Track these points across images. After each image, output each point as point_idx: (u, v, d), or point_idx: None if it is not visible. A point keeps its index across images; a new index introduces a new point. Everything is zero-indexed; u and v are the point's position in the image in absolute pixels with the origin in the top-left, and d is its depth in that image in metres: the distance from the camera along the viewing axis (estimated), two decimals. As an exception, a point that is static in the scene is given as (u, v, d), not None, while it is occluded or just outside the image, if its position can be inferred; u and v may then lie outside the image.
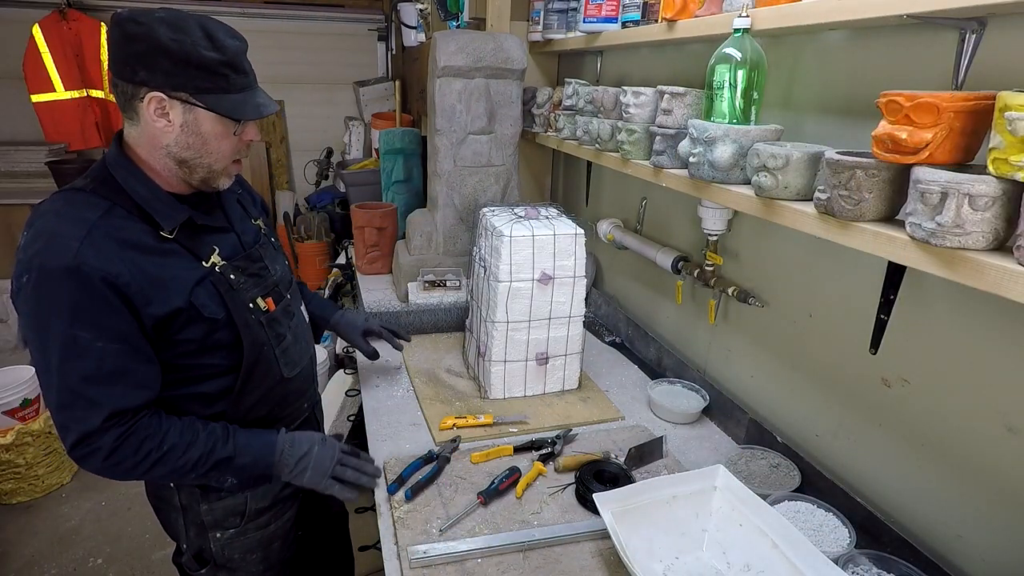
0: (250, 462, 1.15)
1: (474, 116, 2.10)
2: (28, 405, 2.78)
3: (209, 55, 1.00)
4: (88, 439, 1.01)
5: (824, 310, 1.34)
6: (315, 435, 1.26)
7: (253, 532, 1.31)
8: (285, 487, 1.32)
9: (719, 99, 1.20)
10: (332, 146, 5.02)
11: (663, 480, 1.21)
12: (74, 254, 0.95)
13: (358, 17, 4.99)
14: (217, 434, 1.12)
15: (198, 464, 1.09)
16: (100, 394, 1.00)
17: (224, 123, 1.07)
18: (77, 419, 1.00)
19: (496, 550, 1.14)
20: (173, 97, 1.02)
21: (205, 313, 1.08)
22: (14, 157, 4.17)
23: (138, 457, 1.04)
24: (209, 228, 1.15)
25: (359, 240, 2.51)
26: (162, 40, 0.97)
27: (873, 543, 1.16)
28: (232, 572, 1.32)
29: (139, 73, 1.00)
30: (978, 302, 1.02)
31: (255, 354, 1.17)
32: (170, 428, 1.07)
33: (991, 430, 1.01)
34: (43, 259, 0.96)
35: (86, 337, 0.98)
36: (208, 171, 1.11)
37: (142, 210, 1.05)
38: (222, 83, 1.03)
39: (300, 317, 1.35)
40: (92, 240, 0.97)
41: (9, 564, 2.43)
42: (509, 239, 1.52)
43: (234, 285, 1.14)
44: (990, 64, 0.94)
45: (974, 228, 0.76)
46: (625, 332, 2.11)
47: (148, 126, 1.05)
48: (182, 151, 1.07)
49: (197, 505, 1.24)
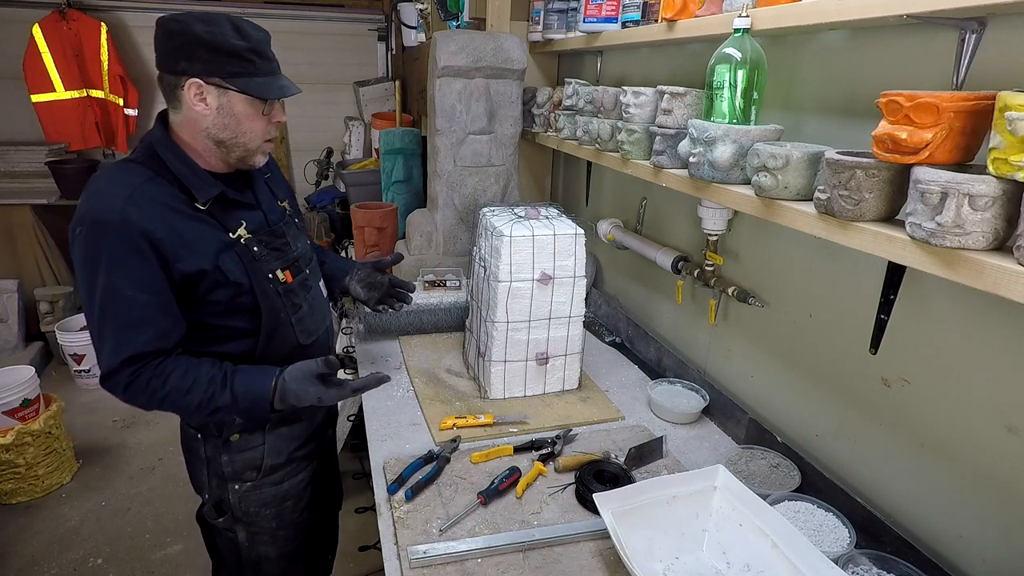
0: (249, 406, 1.25)
1: (474, 116, 2.10)
2: (28, 405, 2.77)
3: (237, 43, 1.15)
4: (110, 376, 1.18)
5: (824, 310, 1.34)
6: (301, 380, 1.26)
7: (268, 488, 1.42)
8: (299, 447, 1.46)
9: (719, 99, 1.20)
10: (332, 146, 5.02)
11: (663, 480, 1.21)
12: (120, 209, 1.11)
13: (358, 17, 4.99)
14: (217, 380, 1.22)
15: (200, 407, 1.21)
16: (122, 339, 1.16)
17: (254, 104, 1.20)
18: (104, 357, 1.17)
19: (496, 550, 1.14)
20: (209, 83, 1.16)
21: (231, 278, 1.22)
22: (14, 157, 4.17)
23: (146, 394, 1.18)
24: (239, 204, 1.29)
25: (359, 240, 2.51)
26: (197, 33, 1.13)
27: (873, 543, 1.16)
28: (247, 526, 1.43)
29: (180, 63, 1.16)
30: (978, 302, 1.02)
31: (273, 320, 1.30)
32: (173, 371, 1.19)
33: (991, 430, 1.01)
34: (94, 213, 1.13)
35: (121, 285, 1.13)
36: (244, 150, 1.25)
37: (181, 183, 1.20)
38: (250, 67, 1.18)
39: (317, 291, 1.47)
40: (135, 200, 1.13)
41: (9, 564, 2.43)
42: (509, 239, 1.52)
43: (256, 256, 1.27)
44: (990, 64, 0.94)
45: (974, 228, 0.76)
46: (625, 332, 2.11)
47: (189, 111, 1.19)
48: (219, 132, 1.21)
49: (220, 456, 1.37)
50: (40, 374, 3.32)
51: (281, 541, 1.48)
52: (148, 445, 3.22)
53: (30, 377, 2.79)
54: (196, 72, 1.15)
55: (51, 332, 3.83)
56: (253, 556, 1.47)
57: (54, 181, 4.05)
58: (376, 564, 2.35)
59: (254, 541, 1.45)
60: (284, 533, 1.48)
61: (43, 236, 4.05)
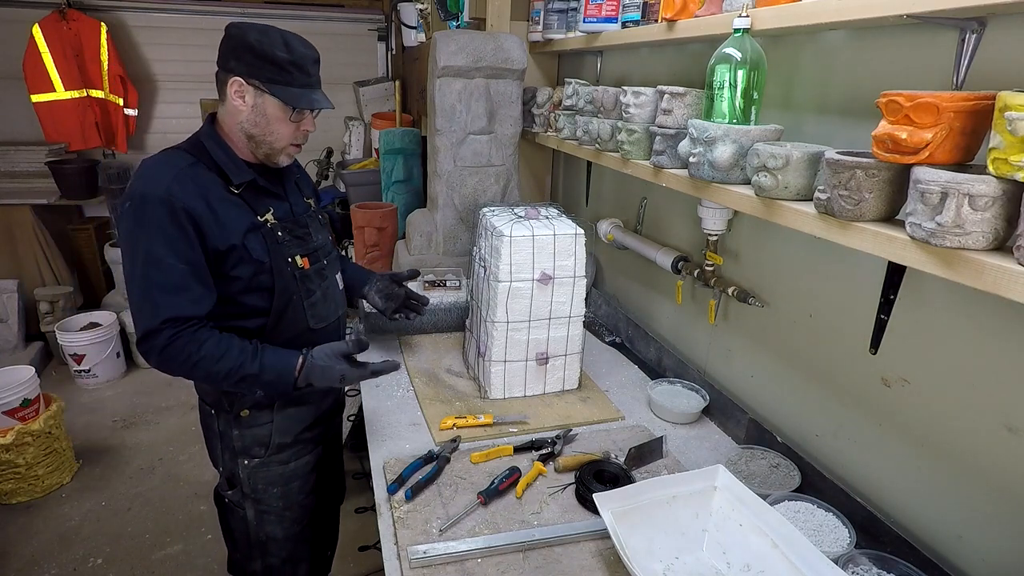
0: (273, 379, 1.33)
1: (474, 116, 2.10)
2: (28, 405, 2.77)
3: (281, 55, 1.28)
4: (149, 336, 1.26)
5: (824, 310, 1.34)
6: (333, 355, 1.37)
7: (275, 466, 1.51)
8: (306, 429, 1.53)
9: (719, 99, 1.20)
10: (332, 146, 5.02)
11: (663, 480, 1.21)
12: (165, 188, 1.24)
13: (358, 17, 4.99)
14: (248, 351, 1.31)
15: (229, 374, 1.29)
16: (164, 300, 1.25)
17: (284, 109, 1.32)
18: (144, 317, 1.26)
19: (496, 550, 1.14)
20: (249, 83, 1.29)
21: (253, 255, 1.33)
22: (14, 157, 4.17)
23: (181, 357, 1.26)
24: (268, 192, 1.41)
25: (359, 240, 2.51)
26: (250, 40, 1.27)
27: (873, 543, 1.16)
28: (256, 503, 1.52)
29: (230, 62, 1.29)
30: (978, 302, 1.02)
31: (285, 300, 1.40)
32: (208, 338, 1.29)
33: (991, 430, 1.01)
34: (143, 188, 1.25)
35: (163, 253, 1.24)
36: (270, 148, 1.37)
37: (220, 169, 1.33)
38: (287, 77, 1.31)
39: (333, 282, 1.55)
40: (179, 180, 1.26)
41: (9, 564, 2.43)
42: (509, 239, 1.52)
43: (279, 240, 1.39)
44: (990, 64, 0.94)
45: (974, 228, 0.76)
46: (625, 332, 2.11)
47: (230, 105, 1.33)
48: (251, 128, 1.34)
49: (231, 430, 1.47)
50: (40, 374, 3.32)
51: (287, 522, 1.56)
52: (148, 445, 3.22)
53: (30, 377, 2.79)
54: (240, 72, 1.29)
55: (51, 332, 3.83)
56: (261, 536, 1.55)
57: (54, 181, 4.05)
58: (376, 564, 2.35)
59: (262, 520, 1.53)
60: (291, 514, 1.55)
61: (43, 236, 4.05)
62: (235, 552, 1.63)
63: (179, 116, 4.73)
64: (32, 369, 2.83)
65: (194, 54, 4.54)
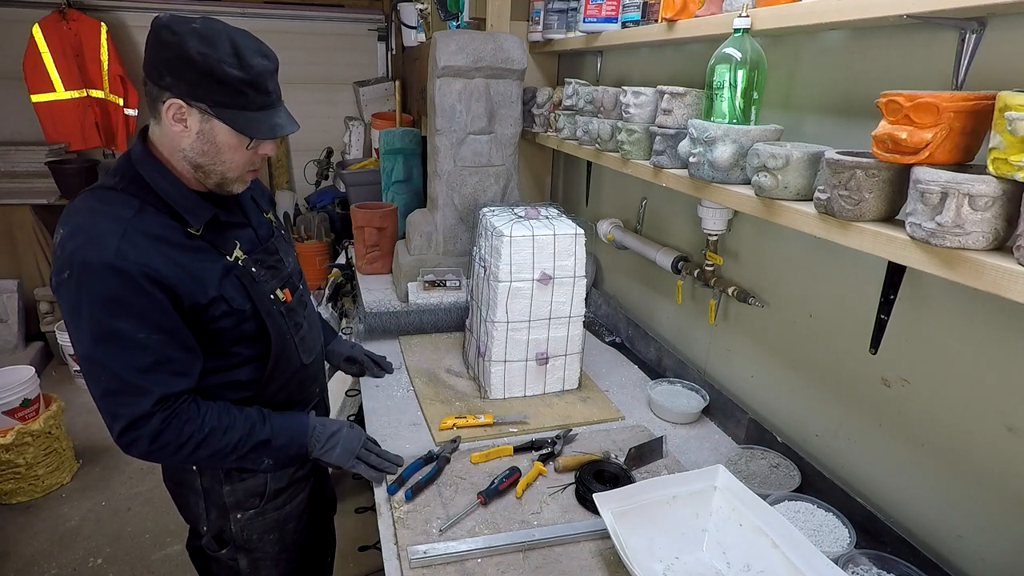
0: (286, 442, 1.23)
1: (474, 116, 2.10)
2: (28, 405, 2.77)
3: (232, 72, 1.03)
4: (137, 423, 1.07)
5: (824, 310, 1.34)
6: (341, 420, 1.36)
7: (271, 513, 1.37)
8: (299, 469, 1.39)
9: (719, 99, 1.20)
10: (332, 146, 5.02)
11: (663, 480, 1.21)
12: (114, 251, 1.02)
13: (358, 17, 4.98)
14: (253, 417, 1.20)
15: (238, 446, 1.16)
16: (148, 381, 1.07)
17: (239, 137, 1.10)
18: (126, 404, 1.07)
19: (496, 550, 1.14)
20: (192, 106, 1.06)
21: (234, 305, 1.16)
22: (14, 157, 4.16)
23: (181, 439, 1.11)
24: (231, 224, 1.22)
25: (359, 240, 2.51)
26: (190, 52, 1.01)
27: (873, 543, 1.16)
28: (250, 553, 1.38)
29: (165, 78, 1.05)
30: (978, 302, 1.02)
31: (280, 344, 1.25)
32: (208, 411, 1.15)
33: (991, 430, 1.01)
34: (84, 255, 1.02)
35: (129, 328, 1.04)
36: (221, 177, 1.15)
37: (170, 208, 1.11)
38: (241, 100, 1.07)
39: (311, 306, 1.44)
40: (129, 237, 1.04)
41: (9, 564, 2.43)
42: (509, 239, 1.52)
43: (256, 277, 1.21)
44: (990, 64, 0.94)
45: (974, 228, 0.76)
46: (625, 332, 2.11)
47: (167, 128, 1.09)
48: (197, 156, 1.11)
49: (220, 487, 1.30)
50: (40, 374, 3.32)
51: (283, 563, 1.45)
52: (148, 445, 3.22)
53: (30, 377, 2.79)
54: (180, 92, 1.04)
55: (51, 332, 3.83)
56: None
57: (54, 181, 4.04)
58: (376, 564, 2.35)
59: (256, 567, 1.41)
60: (287, 555, 1.45)
61: (43, 236, 4.05)
62: None
63: (179, 116, 4.72)
64: (32, 369, 2.83)
65: (194, 54, 4.53)
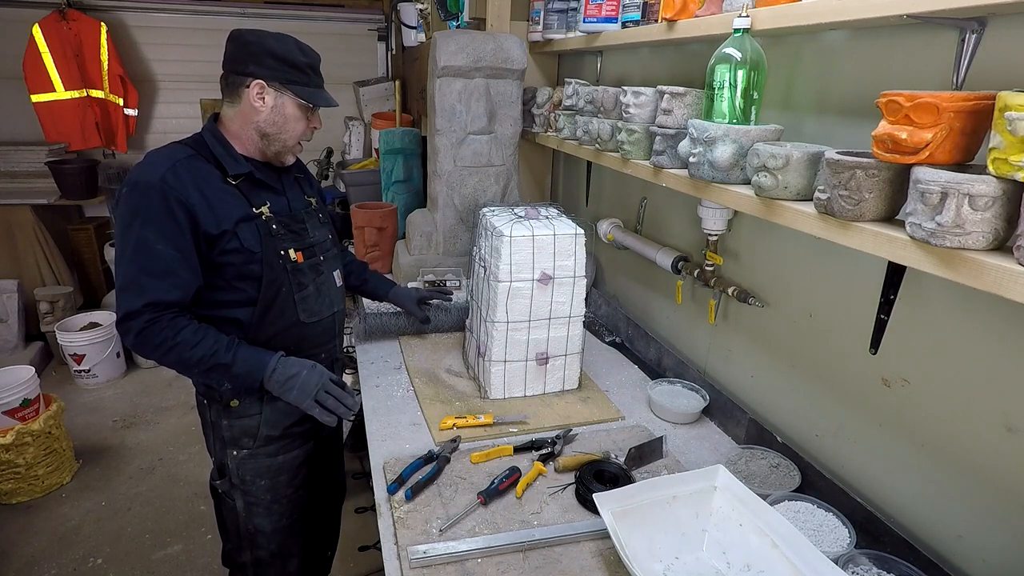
0: (243, 372, 1.37)
1: (474, 116, 2.10)
2: (28, 405, 2.77)
3: (300, 58, 1.40)
4: (128, 318, 1.30)
5: (824, 310, 1.34)
6: (307, 361, 1.44)
7: (263, 458, 1.53)
8: (295, 424, 1.55)
9: (719, 99, 1.20)
10: (332, 146, 5.02)
11: (663, 480, 1.21)
12: (159, 177, 1.29)
13: (358, 17, 4.98)
14: (223, 343, 1.35)
15: (200, 361, 1.33)
16: (148, 284, 1.29)
17: (301, 108, 1.42)
18: (127, 299, 1.30)
19: (496, 550, 1.14)
20: (271, 85, 1.38)
21: (244, 244, 1.37)
22: (14, 157, 4.17)
23: (155, 341, 1.30)
24: (265, 185, 1.46)
25: (359, 240, 2.51)
26: (271, 45, 1.37)
27: (873, 543, 1.16)
28: (244, 494, 1.55)
29: (249, 67, 1.37)
30: (978, 302, 1.02)
31: (273, 291, 1.42)
32: (186, 326, 1.33)
33: (991, 430, 1.01)
34: (138, 176, 1.31)
35: (153, 238, 1.28)
36: (282, 145, 1.45)
37: (218, 161, 1.39)
38: (305, 79, 1.41)
39: (330, 278, 1.58)
40: (174, 170, 1.32)
41: (9, 564, 2.43)
42: (509, 239, 1.52)
43: (273, 233, 1.42)
44: (990, 64, 0.94)
45: (974, 228, 0.76)
46: (625, 332, 2.11)
47: (246, 106, 1.39)
48: (267, 127, 1.41)
49: (221, 421, 1.50)
50: (40, 374, 3.32)
51: (275, 515, 1.58)
52: (148, 445, 3.22)
53: (30, 377, 2.79)
54: (262, 75, 1.37)
55: (51, 332, 3.83)
56: (249, 527, 1.58)
57: (54, 181, 4.05)
58: (376, 564, 2.35)
59: (250, 512, 1.56)
60: (279, 507, 1.58)
61: (43, 236, 4.05)
62: (227, 543, 1.67)
63: (179, 116, 4.74)
64: (32, 369, 2.83)
65: (194, 54, 4.54)
